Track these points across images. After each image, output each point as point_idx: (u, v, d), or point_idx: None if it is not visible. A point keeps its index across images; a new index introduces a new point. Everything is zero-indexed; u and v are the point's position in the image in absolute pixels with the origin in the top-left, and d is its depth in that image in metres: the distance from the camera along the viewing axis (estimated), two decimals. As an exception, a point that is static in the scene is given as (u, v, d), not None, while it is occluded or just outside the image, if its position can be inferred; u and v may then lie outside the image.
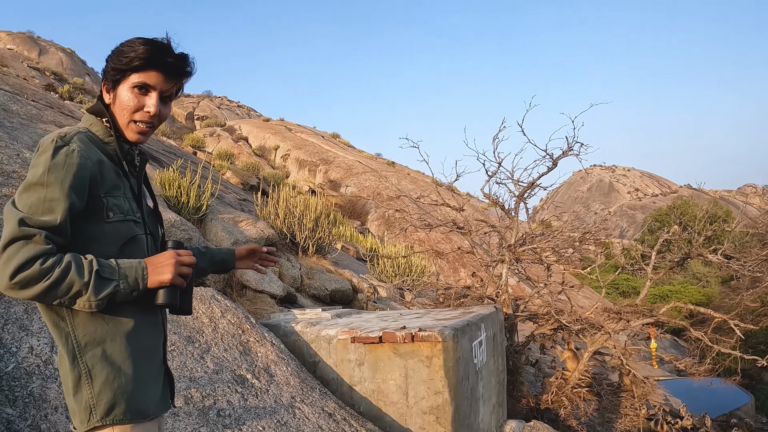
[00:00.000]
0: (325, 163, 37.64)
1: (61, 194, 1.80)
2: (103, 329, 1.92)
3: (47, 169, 1.81)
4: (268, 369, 4.90)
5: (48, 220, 1.77)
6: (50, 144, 1.86)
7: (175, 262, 1.96)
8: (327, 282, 11.22)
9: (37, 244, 1.73)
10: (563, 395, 8.38)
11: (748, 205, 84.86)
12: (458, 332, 5.10)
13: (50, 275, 1.71)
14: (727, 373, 11.84)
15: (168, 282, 1.94)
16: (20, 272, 1.68)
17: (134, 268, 1.89)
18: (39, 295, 1.72)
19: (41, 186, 1.79)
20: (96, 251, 1.88)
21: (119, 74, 2.04)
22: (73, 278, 1.75)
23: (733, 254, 9.42)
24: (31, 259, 1.70)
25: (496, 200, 9.72)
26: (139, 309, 2.02)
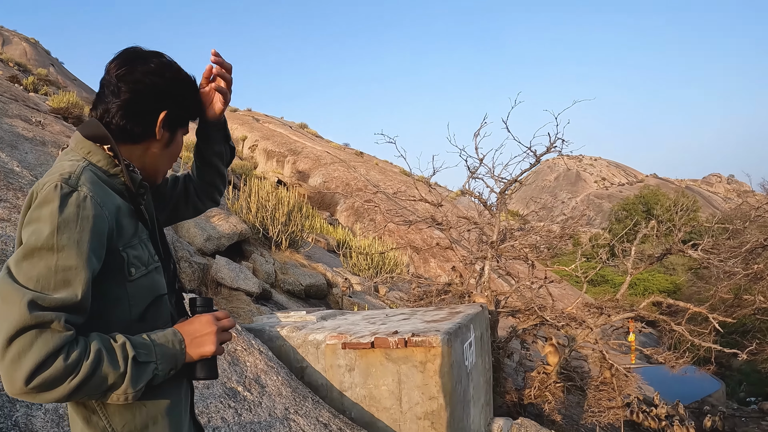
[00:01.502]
0: (294, 153, 37.43)
1: (79, 260, 1.42)
2: (142, 414, 1.62)
3: (56, 228, 1.41)
4: (258, 379, 4.78)
5: (66, 297, 1.38)
6: (54, 191, 1.45)
7: (217, 330, 1.67)
8: (301, 277, 11.11)
9: (56, 333, 1.34)
10: (546, 390, 8.39)
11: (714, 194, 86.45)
12: (452, 336, 5.03)
13: (77, 372, 1.35)
14: (701, 363, 12.00)
15: (210, 355, 1.66)
16: (38, 373, 1.30)
17: (171, 342, 1.58)
18: (62, 398, 1.37)
19: (49, 251, 1.39)
20: (117, 318, 1.59)
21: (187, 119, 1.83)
22: (106, 371, 1.40)
23: (711, 249, 9.51)
24: (50, 355, 1.32)
25: (479, 196, 9.69)
26: (174, 382, 1.72)
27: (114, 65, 1.68)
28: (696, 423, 12.56)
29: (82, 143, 1.66)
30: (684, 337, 8.78)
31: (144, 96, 1.68)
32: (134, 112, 1.68)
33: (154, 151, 1.78)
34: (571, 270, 9.55)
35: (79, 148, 1.66)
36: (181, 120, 1.81)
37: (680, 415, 11.97)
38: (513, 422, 6.82)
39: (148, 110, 1.70)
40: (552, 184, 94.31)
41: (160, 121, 1.72)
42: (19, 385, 1.30)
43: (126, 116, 1.67)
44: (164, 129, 1.75)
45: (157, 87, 1.69)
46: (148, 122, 1.71)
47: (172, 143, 1.82)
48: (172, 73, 1.74)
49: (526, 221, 11.21)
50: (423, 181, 10.28)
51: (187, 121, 1.83)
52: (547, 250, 10.02)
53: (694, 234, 24.76)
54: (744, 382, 19.42)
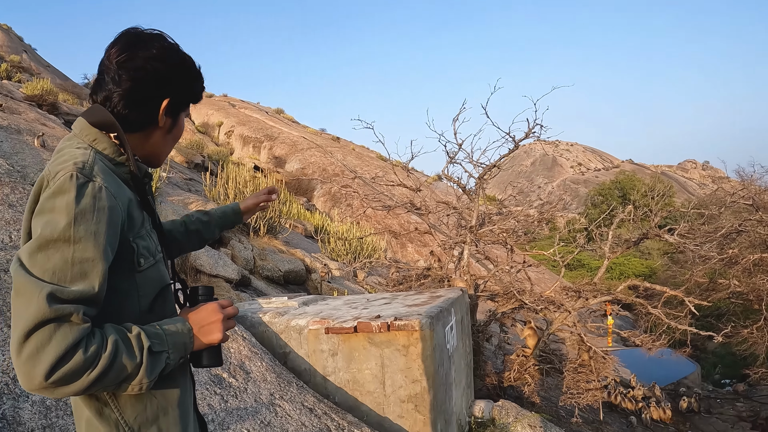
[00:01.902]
0: (270, 139, 37.26)
1: (96, 252, 1.39)
2: (153, 405, 1.62)
3: (73, 219, 1.36)
4: (243, 366, 4.80)
5: (83, 290, 1.35)
6: (70, 182, 1.40)
7: (223, 318, 1.67)
8: (280, 263, 11.11)
9: (74, 326, 1.31)
10: (525, 373, 8.48)
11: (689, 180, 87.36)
12: (434, 320, 5.07)
13: (95, 365, 1.33)
14: (677, 345, 12.19)
15: (217, 342, 1.66)
16: (58, 367, 1.27)
17: (180, 332, 1.57)
18: (80, 391, 1.35)
19: (65, 242, 1.35)
20: (127, 310, 1.58)
21: (189, 103, 1.80)
22: (123, 362, 1.39)
23: (687, 234, 9.65)
24: (70, 348, 1.29)
25: (457, 181, 9.73)
26: (181, 372, 1.74)
27: (115, 50, 1.64)
28: (672, 404, 12.76)
29: (87, 130, 1.62)
30: (660, 320, 8.91)
31: (146, 84, 1.64)
32: (136, 101, 1.65)
33: (157, 137, 1.76)
34: (549, 254, 9.64)
35: (84, 135, 1.62)
36: (184, 105, 1.79)
37: (656, 397, 12.16)
38: (494, 404, 6.90)
39: (151, 98, 1.67)
40: (528, 169, 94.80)
41: (163, 108, 1.69)
42: (39, 381, 1.27)
43: (128, 105, 1.64)
44: (167, 116, 1.73)
45: (159, 74, 1.66)
46: (150, 110, 1.69)
47: (174, 128, 1.80)
48: (175, 59, 1.71)
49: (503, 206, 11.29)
50: (401, 167, 10.29)
51: (188, 105, 1.81)
52: (525, 235, 10.09)
53: (670, 219, 25.04)
54: (719, 364, 19.75)
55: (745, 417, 13.51)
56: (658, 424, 11.62)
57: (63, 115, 16.34)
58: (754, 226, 11.41)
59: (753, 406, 14.32)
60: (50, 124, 12.64)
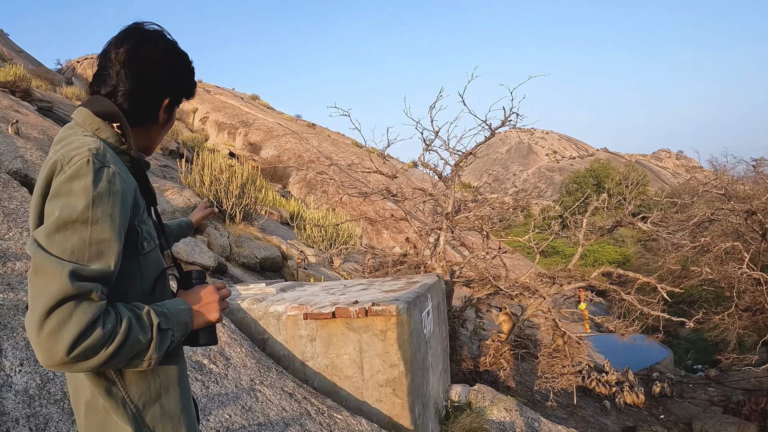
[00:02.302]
0: (245, 125, 37.03)
1: (112, 233, 1.47)
2: (156, 383, 1.69)
3: (91, 202, 1.43)
4: (222, 352, 4.83)
5: (101, 268, 1.43)
6: (87, 166, 1.47)
7: (219, 299, 1.77)
8: (256, 250, 11.11)
9: (93, 303, 1.38)
10: (501, 357, 8.60)
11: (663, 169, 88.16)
12: (411, 305, 5.14)
13: (112, 340, 1.40)
14: (650, 331, 12.38)
15: (214, 322, 1.77)
16: (80, 343, 1.33)
17: (182, 311, 1.66)
18: (97, 367, 1.42)
19: (84, 224, 1.42)
20: (132, 291, 1.65)
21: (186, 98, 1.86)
22: (136, 338, 1.46)
23: (660, 222, 9.79)
24: (90, 324, 1.35)
25: (434, 168, 9.79)
26: (179, 351, 1.82)
27: (122, 50, 1.70)
28: (645, 389, 13.01)
29: (90, 119, 1.68)
30: (633, 306, 9.07)
31: (151, 85, 1.72)
32: (140, 100, 1.72)
33: (155, 131, 1.85)
34: (524, 241, 9.74)
35: (87, 124, 1.67)
36: (179, 101, 1.87)
37: (630, 382, 12.38)
38: (470, 388, 6.99)
39: (154, 98, 1.75)
40: (504, 156, 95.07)
41: (164, 107, 1.79)
42: (60, 356, 1.32)
43: (132, 103, 1.71)
44: (165, 113, 1.82)
45: (163, 75, 1.74)
46: (153, 108, 1.77)
47: (168, 122, 1.88)
48: (176, 59, 1.78)
49: (479, 193, 11.39)
50: (377, 153, 10.33)
51: (181, 101, 1.88)
52: (500, 222, 10.19)
53: (644, 207, 25.31)
54: (691, 350, 20.09)
55: (717, 402, 13.79)
56: (631, 408, 11.84)
57: (36, 102, 16.15)
58: (726, 215, 11.62)
59: (724, 391, 14.62)
60: (24, 110, 12.50)
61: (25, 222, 5.31)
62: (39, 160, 8.37)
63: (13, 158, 7.92)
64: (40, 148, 9.21)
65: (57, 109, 17.82)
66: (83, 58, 54.03)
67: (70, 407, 3.35)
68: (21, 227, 5.15)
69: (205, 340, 1.80)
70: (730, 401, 13.44)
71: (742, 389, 14.42)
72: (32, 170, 7.81)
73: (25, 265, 4.52)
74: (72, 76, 48.98)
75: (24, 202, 5.76)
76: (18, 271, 4.39)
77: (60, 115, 16.88)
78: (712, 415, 12.43)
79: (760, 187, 12.69)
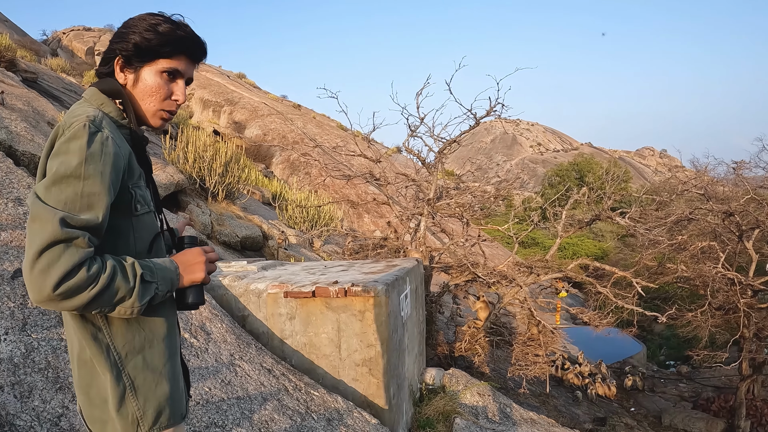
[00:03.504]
0: (230, 104, 36.82)
1: (102, 188, 1.62)
2: (141, 336, 1.84)
3: (84, 159, 1.60)
4: (203, 327, 4.90)
5: (89, 218, 1.59)
6: (83, 129, 1.64)
7: (205, 260, 1.91)
8: (237, 228, 11.15)
9: (80, 248, 1.54)
10: (476, 344, 8.72)
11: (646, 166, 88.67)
12: (389, 287, 5.22)
13: (96, 283, 1.56)
14: (624, 325, 12.57)
15: (200, 281, 1.89)
16: (65, 281, 1.50)
17: (168, 269, 1.80)
18: (81, 306, 1.57)
19: (76, 179, 1.58)
20: (123, 248, 1.79)
21: (147, 56, 1.88)
22: (119, 284, 1.62)
23: (639, 218, 9.93)
24: (76, 266, 1.52)
25: (418, 154, 9.86)
26: (169, 309, 1.96)
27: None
28: (617, 381, 13.23)
29: (96, 95, 1.87)
30: (609, 300, 9.21)
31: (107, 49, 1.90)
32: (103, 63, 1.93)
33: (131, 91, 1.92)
34: (504, 230, 9.85)
35: (94, 100, 1.86)
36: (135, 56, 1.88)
37: (602, 374, 12.58)
38: (445, 372, 7.11)
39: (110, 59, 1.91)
40: (488, 146, 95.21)
41: (117, 63, 1.89)
42: (47, 292, 1.49)
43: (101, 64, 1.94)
44: (125, 71, 1.91)
45: (115, 36, 1.91)
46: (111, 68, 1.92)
47: (138, 83, 1.91)
48: (131, 21, 1.90)
49: (461, 181, 11.47)
50: (362, 137, 10.38)
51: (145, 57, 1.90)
52: (481, 210, 10.29)
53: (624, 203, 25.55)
54: (664, 346, 20.37)
55: (687, 397, 14.05)
56: (602, 400, 12.04)
57: (21, 72, 15.99)
58: (704, 215, 11.80)
59: (695, 387, 14.89)
60: (8, 81, 12.40)
61: (10, 193, 5.32)
62: (24, 132, 8.33)
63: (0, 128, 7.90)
64: (24, 120, 9.16)
65: (42, 80, 17.67)
66: (69, 30, 53.39)
67: (54, 376, 3.42)
68: (6, 198, 5.16)
69: (192, 299, 1.91)
70: (700, 397, 13.70)
71: (712, 386, 14.70)
72: (17, 142, 7.78)
73: (10, 235, 4.54)
74: (57, 47, 48.38)
75: (9, 173, 5.76)
76: (3, 241, 4.42)
77: (44, 87, 16.75)
78: (682, 410, 12.68)
79: (739, 189, 12.88)
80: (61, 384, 3.39)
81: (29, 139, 8.09)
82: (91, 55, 48.28)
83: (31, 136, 8.25)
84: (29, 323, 3.70)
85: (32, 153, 7.67)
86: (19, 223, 4.78)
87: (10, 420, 2.99)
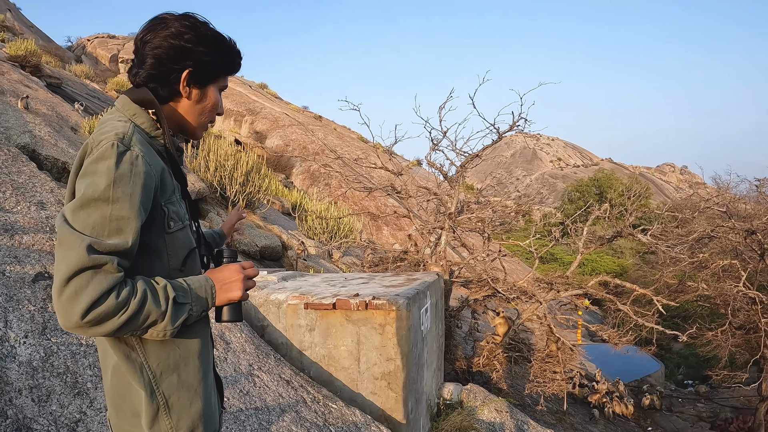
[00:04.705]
0: (252, 113, 37.03)
1: (131, 212, 1.58)
2: (176, 354, 1.79)
3: (112, 182, 1.55)
4: (223, 336, 4.89)
5: (118, 243, 1.55)
6: (111, 149, 1.59)
7: (243, 278, 1.84)
8: (257, 238, 11.16)
9: (109, 274, 1.51)
10: (494, 359, 8.65)
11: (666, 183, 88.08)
12: (410, 301, 5.20)
13: (126, 309, 1.52)
14: (642, 343, 12.42)
15: (236, 299, 1.83)
16: (94, 308, 1.46)
17: (203, 287, 1.75)
18: (111, 332, 1.54)
19: (105, 202, 1.54)
20: (158, 267, 1.75)
21: (220, 74, 1.91)
22: (150, 309, 1.58)
23: (660, 235, 9.83)
24: (105, 293, 1.48)
25: (440, 168, 9.85)
26: (203, 326, 1.92)
27: (140, 34, 1.82)
28: (634, 400, 13.06)
29: (128, 105, 1.81)
30: (628, 317, 9.11)
31: (163, 59, 1.79)
32: (156, 76, 1.81)
33: (184, 108, 1.90)
34: (525, 245, 9.79)
35: (126, 110, 1.80)
36: (208, 75, 1.89)
37: (620, 392, 12.43)
38: (462, 388, 7.05)
39: (170, 71, 1.81)
40: (508, 160, 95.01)
41: (183, 79, 1.83)
42: (75, 320, 1.46)
43: (151, 80, 1.82)
44: (190, 87, 1.86)
45: (176, 48, 1.79)
46: (172, 82, 1.83)
47: (203, 99, 1.91)
48: (192, 34, 1.82)
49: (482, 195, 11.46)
50: (383, 150, 10.39)
51: (216, 76, 1.91)
52: (501, 225, 10.25)
53: (645, 220, 25.32)
54: (682, 365, 20.09)
55: (705, 417, 13.85)
56: (619, 419, 11.89)
57: (46, 78, 16.16)
58: (726, 233, 11.67)
59: (713, 407, 14.68)
60: (33, 86, 12.53)
61: (33, 196, 5.37)
62: (47, 136, 8.41)
63: (22, 132, 7.97)
64: (48, 124, 9.25)
65: (66, 86, 17.84)
66: (94, 37, 53.98)
67: (73, 381, 3.41)
68: (29, 201, 5.20)
69: (228, 317, 1.86)
70: (718, 418, 13.49)
71: (730, 407, 14.48)
72: (40, 146, 7.85)
73: (33, 238, 4.57)
74: (81, 54, 48.93)
75: (32, 177, 5.81)
76: (25, 244, 4.44)
77: (68, 93, 16.90)
78: (700, 430, 12.50)
79: (761, 207, 12.73)
80: (80, 389, 3.39)
81: (52, 143, 8.16)
82: (114, 63, 48.73)
83: (55, 141, 8.32)
84: (49, 327, 3.71)
85: (55, 157, 7.74)
86: (41, 226, 4.81)
87: (27, 424, 2.99)
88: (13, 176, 5.54)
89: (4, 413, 2.95)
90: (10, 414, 2.97)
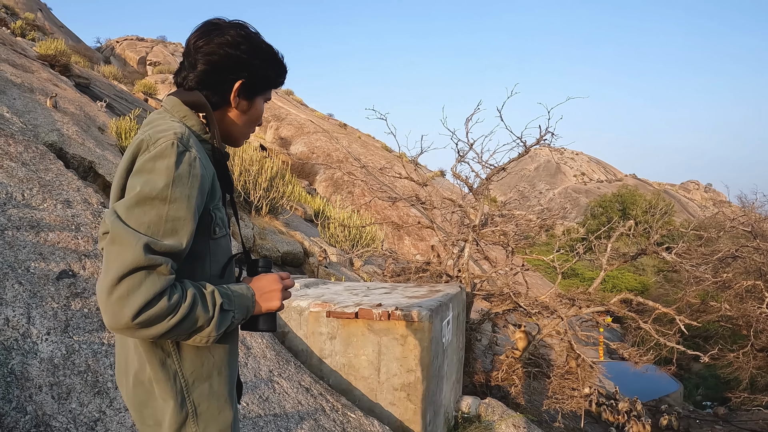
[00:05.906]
0: (277, 119, 37.23)
1: (188, 213, 1.55)
2: (209, 363, 1.77)
3: (171, 181, 1.52)
4: (244, 341, 4.89)
5: (173, 244, 1.52)
6: (171, 148, 1.56)
7: (282, 288, 1.84)
8: (279, 244, 11.17)
9: (162, 275, 1.48)
10: (513, 374, 8.58)
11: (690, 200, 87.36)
12: (433, 313, 5.17)
13: (176, 312, 1.49)
14: (662, 363, 12.28)
15: (275, 309, 1.83)
16: (145, 310, 1.43)
17: (244, 296, 1.74)
18: (158, 335, 1.51)
19: (162, 201, 1.51)
20: (200, 272, 1.73)
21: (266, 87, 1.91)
22: (198, 314, 1.56)
23: (684, 254, 9.73)
24: (157, 295, 1.45)
25: (465, 180, 9.82)
26: (234, 335, 1.90)
27: (193, 38, 1.79)
28: (652, 420, 12.89)
29: (179, 107, 1.79)
30: (649, 336, 9.01)
31: (218, 67, 1.78)
32: (209, 82, 1.80)
33: (232, 117, 1.89)
34: (548, 260, 9.73)
35: (176, 111, 1.79)
36: (258, 88, 1.89)
37: (638, 412, 12.28)
38: (481, 401, 6.99)
39: (223, 80, 1.81)
40: (532, 173, 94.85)
41: (235, 90, 1.82)
42: (125, 321, 1.42)
43: (203, 85, 1.80)
44: (240, 97, 1.86)
45: (231, 58, 1.78)
46: (224, 91, 1.82)
47: (250, 110, 1.91)
48: (248, 45, 1.82)
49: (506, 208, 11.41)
50: (409, 160, 10.39)
51: (265, 89, 1.92)
52: (524, 239, 10.19)
53: (668, 238, 25.07)
54: (701, 386, 19.84)
55: (723, 440, 13.66)
56: (637, 439, 11.75)
57: (74, 78, 16.35)
58: (750, 253, 11.52)
59: (731, 430, 14.45)
60: (62, 85, 12.68)
61: (60, 195, 5.39)
62: (75, 135, 8.48)
63: (50, 131, 8.05)
64: (76, 123, 9.34)
65: (94, 86, 18.03)
66: (122, 39, 54.61)
67: (93, 380, 3.41)
68: (55, 199, 5.22)
69: (264, 327, 1.85)
70: (737, 440, 13.31)
71: (749, 430, 14.26)
72: (68, 144, 7.93)
73: (58, 236, 4.59)
74: (110, 55, 49.52)
75: (59, 175, 5.84)
76: (50, 241, 4.46)
77: (96, 93, 17.09)
78: (718, 452, 12.33)
79: (787, 228, 12.58)
80: (100, 388, 3.39)
81: (80, 142, 8.23)
82: (143, 65, 49.22)
83: (82, 140, 8.39)
84: (71, 325, 3.72)
85: (82, 156, 7.80)
86: (66, 225, 4.83)
87: (47, 420, 2.99)
88: (40, 174, 5.57)
89: (24, 409, 2.95)
90: (30, 410, 2.97)
